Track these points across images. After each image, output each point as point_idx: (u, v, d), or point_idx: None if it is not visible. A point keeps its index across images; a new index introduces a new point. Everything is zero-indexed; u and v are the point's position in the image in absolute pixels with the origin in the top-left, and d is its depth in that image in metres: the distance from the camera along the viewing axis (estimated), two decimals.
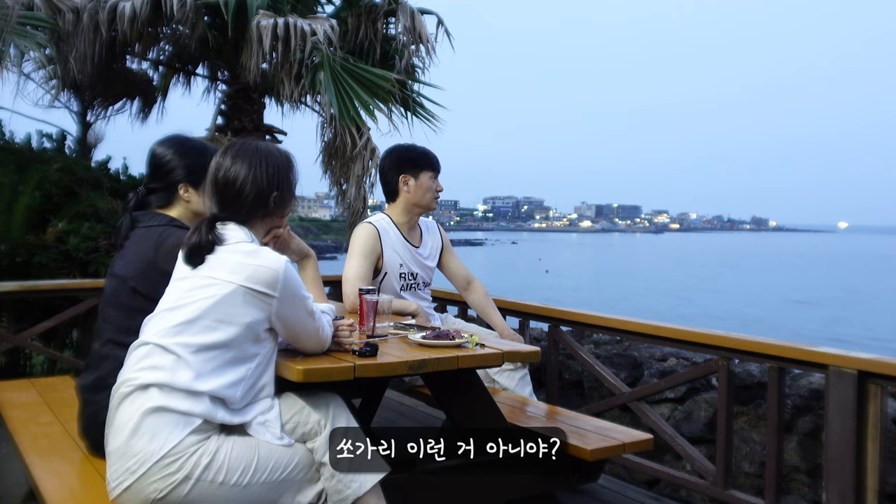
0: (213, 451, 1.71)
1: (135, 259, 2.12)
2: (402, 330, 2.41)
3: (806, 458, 3.40)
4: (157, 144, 2.31)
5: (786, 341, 2.68)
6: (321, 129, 6.23)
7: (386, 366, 1.98)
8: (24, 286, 3.92)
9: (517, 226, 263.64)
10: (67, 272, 4.79)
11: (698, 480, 2.93)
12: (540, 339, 4.31)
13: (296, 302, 1.85)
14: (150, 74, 6.90)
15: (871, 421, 2.38)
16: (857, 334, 22.67)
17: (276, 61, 5.76)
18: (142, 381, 1.74)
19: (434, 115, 6.61)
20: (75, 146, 6.42)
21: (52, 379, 3.38)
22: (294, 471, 1.82)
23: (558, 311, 3.60)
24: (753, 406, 3.70)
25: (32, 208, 4.93)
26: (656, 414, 3.27)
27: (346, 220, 6.42)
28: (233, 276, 1.79)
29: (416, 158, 3.18)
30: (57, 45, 5.43)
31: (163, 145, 2.29)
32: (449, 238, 3.44)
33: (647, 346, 4.47)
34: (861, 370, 2.39)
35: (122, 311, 2.09)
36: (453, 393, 2.31)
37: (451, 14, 7.63)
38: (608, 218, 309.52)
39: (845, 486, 2.40)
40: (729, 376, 2.83)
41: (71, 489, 1.98)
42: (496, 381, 3.12)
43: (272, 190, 1.93)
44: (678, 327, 3.04)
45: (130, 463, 1.68)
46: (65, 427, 2.44)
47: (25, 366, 4.74)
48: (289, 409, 1.88)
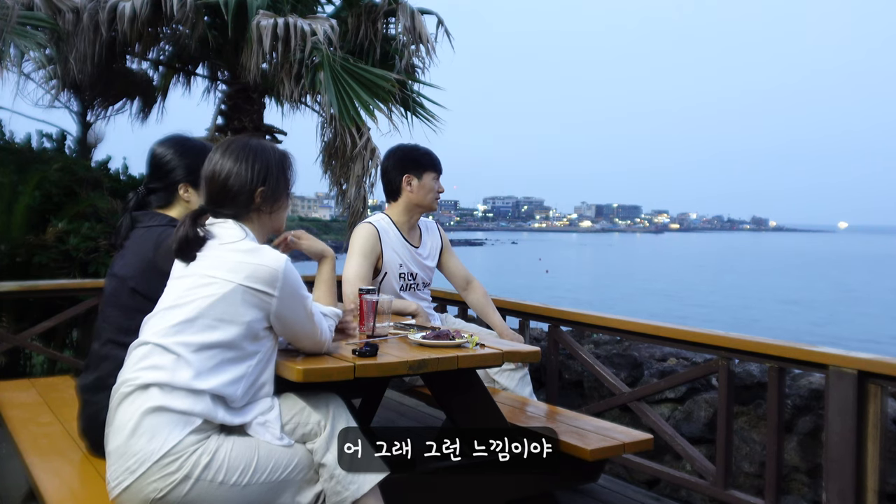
0: (213, 450, 1.71)
1: (134, 259, 2.12)
2: (402, 330, 2.41)
3: (806, 458, 3.39)
4: (158, 144, 2.30)
5: (786, 341, 2.68)
6: (321, 129, 6.23)
7: (386, 366, 1.98)
8: (24, 286, 3.92)
9: (517, 226, 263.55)
10: (67, 272, 4.79)
11: (698, 480, 2.93)
12: (540, 339, 4.31)
13: (295, 302, 1.85)
14: (150, 74, 6.90)
15: (871, 421, 2.38)
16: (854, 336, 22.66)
17: (276, 61, 5.76)
18: (142, 381, 1.74)
19: (434, 115, 6.61)
20: (75, 146, 6.42)
21: (52, 379, 3.38)
22: (294, 471, 1.82)
23: (558, 311, 3.60)
24: (753, 406, 3.70)
25: (32, 208, 4.93)
26: (656, 414, 3.27)
27: (346, 220, 6.42)
28: (232, 274, 1.79)
29: (419, 159, 3.19)
30: (57, 45, 5.43)
31: (163, 145, 2.29)
32: (448, 238, 3.44)
33: (647, 346, 4.47)
34: (861, 370, 2.39)
35: (121, 311, 2.09)
36: (453, 393, 2.31)
37: (451, 15, 7.63)
38: (608, 218, 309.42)
39: (845, 486, 2.40)
40: (729, 376, 2.83)
41: (71, 489, 1.98)
42: (496, 381, 3.12)
43: (258, 185, 1.92)
44: (678, 327, 3.04)
45: (130, 462, 1.68)
46: (65, 427, 2.44)
47: (25, 366, 4.74)
48: (289, 409, 1.88)
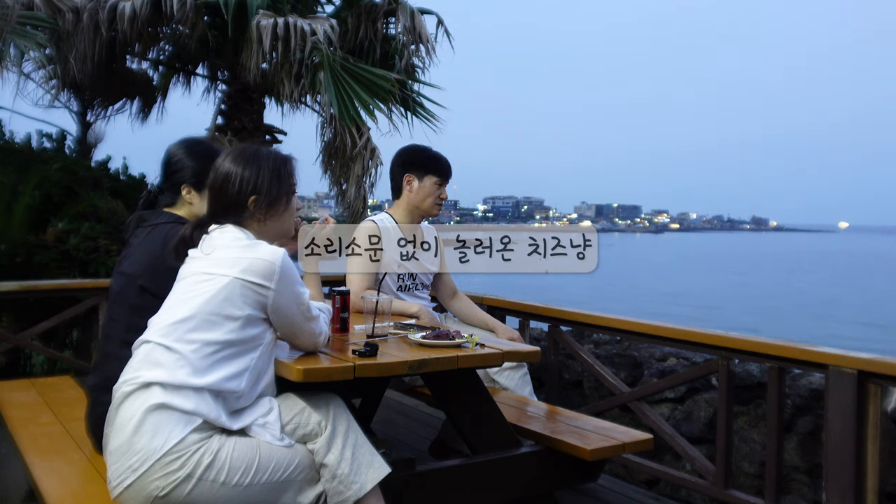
0: (215, 450, 1.71)
1: (143, 257, 2.13)
2: (402, 330, 2.41)
3: (806, 458, 3.39)
4: (174, 144, 2.35)
5: (786, 341, 2.68)
6: (321, 129, 6.23)
7: (386, 366, 1.98)
8: (24, 286, 3.91)
9: (517, 226, 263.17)
10: (67, 272, 4.79)
11: (698, 480, 2.93)
12: (540, 339, 4.31)
13: (292, 296, 1.86)
14: (150, 74, 6.91)
15: (871, 421, 2.38)
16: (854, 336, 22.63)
17: (276, 61, 5.76)
18: (144, 380, 1.74)
19: (434, 115, 6.62)
20: (75, 146, 6.42)
21: (52, 379, 3.38)
22: (294, 471, 1.82)
23: (558, 310, 3.60)
24: (753, 406, 3.70)
25: (32, 208, 4.93)
26: (656, 414, 3.27)
27: (345, 220, 6.42)
28: (229, 269, 1.81)
29: (423, 160, 3.15)
30: (57, 44, 5.43)
31: (177, 145, 2.34)
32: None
33: (647, 345, 4.47)
34: (861, 370, 2.39)
35: (129, 310, 2.10)
36: (453, 393, 2.31)
37: (451, 14, 7.63)
38: (608, 218, 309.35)
39: (845, 486, 2.40)
40: (729, 376, 2.83)
41: (71, 489, 1.98)
42: (496, 381, 3.11)
43: (250, 193, 1.93)
44: (678, 327, 3.04)
45: (132, 461, 1.68)
46: (65, 427, 2.44)
47: (25, 366, 4.73)
48: (289, 409, 1.88)
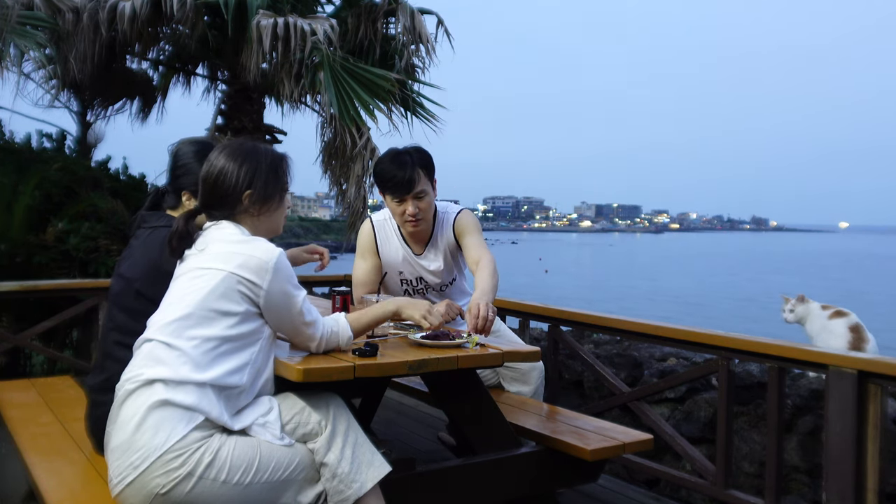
0: (216, 449, 1.72)
1: (141, 261, 2.13)
2: (402, 330, 2.41)
3: (806, 458, 3.39)
4: (185, 142, 2.30)
5: (786, 341, 2.68)
6: (321, 129, 6.23)
7: (386, 366, 1.98)
8: (24, 286, 3.92)
9: (517, 226, 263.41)
10: (67, 272, 4.79)
11: (698, 480, 2.93)
12: (540, 339, 4.31)
13: (284, 296, 1.85)
14: (150, 74, 6.91)
15: (871, 421, 2.38)
16: None
17: (276, 61, 5.76)
18: (146, 377, 1.74)
19: (434, 115, 6.62)
20: (75, 146, 6.42)
21: (52, 379, 3.38)
22: (295, 471, 1.82)
23: (558, 310, 3.60)
24: (753, 406, 3.70)
25: (32, 208, 4.93)
26: (656, 414, 3.27)
27: (346, 220, 6.43)
28: (224, 264, 1.81)
29: (377, 178, 2.83)
30: (57, 44, 5.44)
31: (188, 145, 2.29)
32: (471, 221, 3.00)
33: (647, 346, 4.47)
34: (861, 370, 2.39)
35: (126, 314, 2.10)
36: (453, 393, 2.31)
37: (450, 12, 7.63)
38: (608, 218, 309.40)
39: (845, 486, 2.40)
40: (729, 376, 2.83)
41: (71, 489, 1.98)
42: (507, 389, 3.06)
43: (245, 188, 1.92)
44: (678, 327, 3.04)
45: (134, 458, 1.69)
46: (65, 427, 2.44)
47: (25, 366, 4.73)
48: (289, 409, 1.89)
